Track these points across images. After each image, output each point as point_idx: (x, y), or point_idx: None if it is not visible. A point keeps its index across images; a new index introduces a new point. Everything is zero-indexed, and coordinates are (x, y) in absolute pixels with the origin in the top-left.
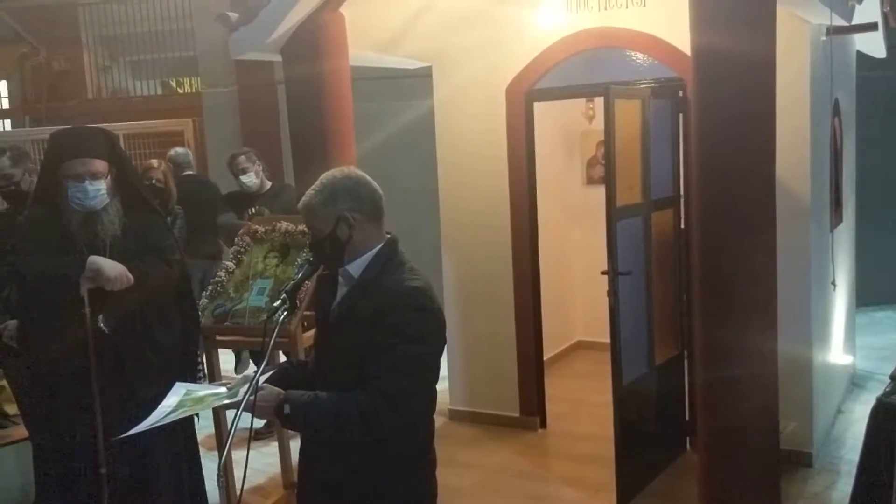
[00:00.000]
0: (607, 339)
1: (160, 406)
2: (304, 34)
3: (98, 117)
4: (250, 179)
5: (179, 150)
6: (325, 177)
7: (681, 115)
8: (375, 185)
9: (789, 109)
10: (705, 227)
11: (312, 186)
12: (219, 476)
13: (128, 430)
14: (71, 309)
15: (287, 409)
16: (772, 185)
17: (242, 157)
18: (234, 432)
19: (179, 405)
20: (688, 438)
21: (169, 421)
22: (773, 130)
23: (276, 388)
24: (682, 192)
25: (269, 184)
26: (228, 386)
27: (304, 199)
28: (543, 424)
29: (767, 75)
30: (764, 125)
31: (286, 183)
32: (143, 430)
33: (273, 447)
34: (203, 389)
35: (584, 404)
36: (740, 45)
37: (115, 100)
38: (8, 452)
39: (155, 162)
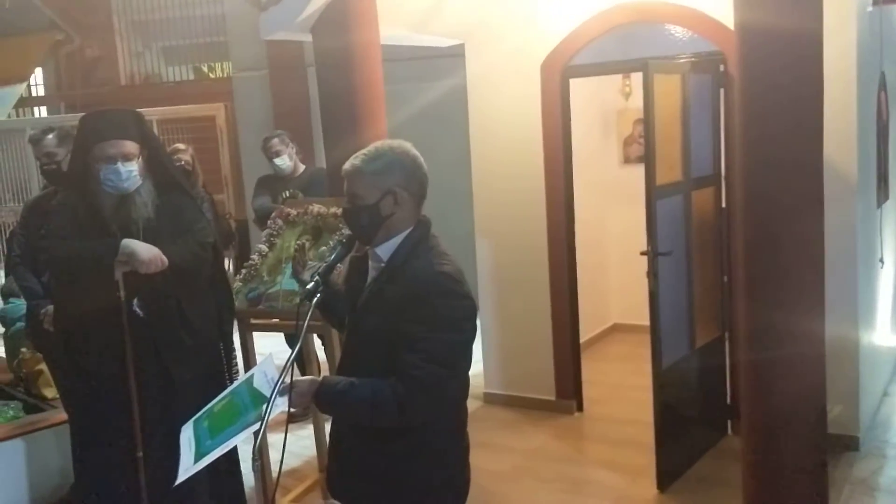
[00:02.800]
0: (644, 322)
1: (182, 450)
2: (333, 12)
3: (131, 103)
4: (283, 162)
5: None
6: (380, 145)
7: (721, 90)
8: (426, 166)
9: (835, 84)
10: (750, 205)
11: (363, 151)
12: (254, 460)
13: (163, 414)
14: (105, 293)
15: (324, 396)
16: (819, 161)
17: (276, 140)
18: (270, 415)
19: (203, 436)
20: (729, 422)
21: (215, 457)
22: (821, 105)
23: (310, 377)
24: (723, 170)
25: (302, 167)
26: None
27: (352, 162)
28: (580, 408)
29: (814, 48)
30: (811, 99)
31: (320, 167)
32: (190, 474)
33: (308, 430)
34: (216, 404)
35: (621, 388)
36: (786, 18)
37: (148, 85)
38: (47, 435)
39: (182, 145)
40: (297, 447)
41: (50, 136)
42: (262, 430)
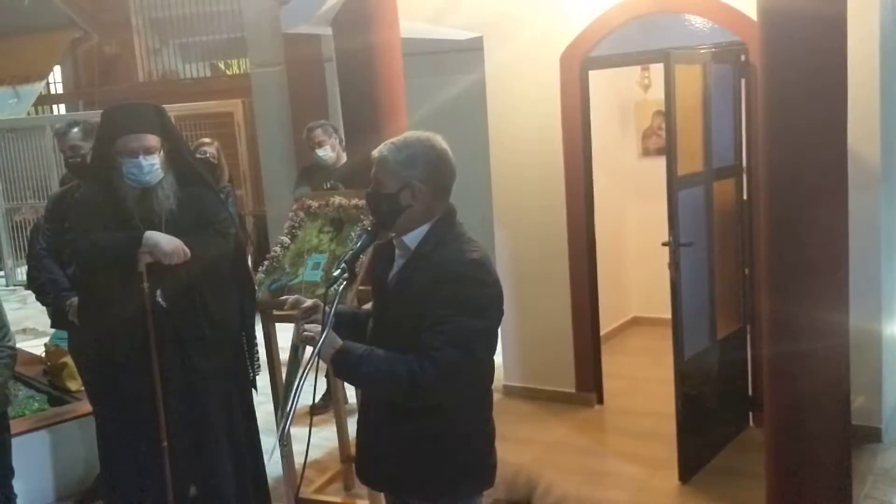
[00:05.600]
0: (664, 315)
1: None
2: (354, 5)
3: (149, 99)
4: (326, 153)
5: None
6: (410, 136)
7: (743, 81)
8: (454, 163)
9: (858, 70)
10: (773, 195)
11: (394, 140)
12: (282, 444)
13: (186, 404)
14: (129, 284)
15: (339, 360)
16: (843, 150)
17: (319, 131)
18: (296, 404)
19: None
20: (750, 413)
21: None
22: (845, 92)
23: (334, 335)
24: (744, 161)
25: (345, 157)
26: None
27: (381, 149)
28: (600, 401)
29: (838, 34)
30: (834, 86)
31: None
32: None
33: (330, 421)
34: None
35: (641, 380)
36: (809, 3)
37: (166, 82)
38: (72, 427)
39: (207, 139)
40: (318, 438)
41: (75, 129)
42: (290, 416)
